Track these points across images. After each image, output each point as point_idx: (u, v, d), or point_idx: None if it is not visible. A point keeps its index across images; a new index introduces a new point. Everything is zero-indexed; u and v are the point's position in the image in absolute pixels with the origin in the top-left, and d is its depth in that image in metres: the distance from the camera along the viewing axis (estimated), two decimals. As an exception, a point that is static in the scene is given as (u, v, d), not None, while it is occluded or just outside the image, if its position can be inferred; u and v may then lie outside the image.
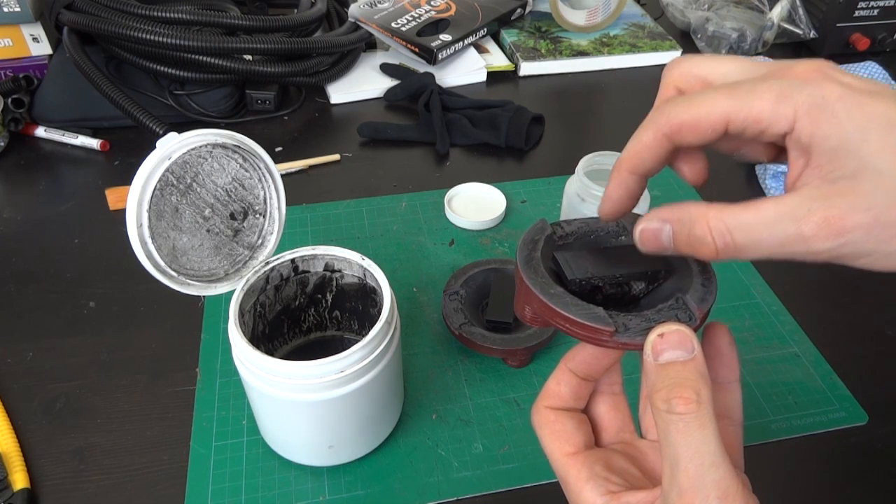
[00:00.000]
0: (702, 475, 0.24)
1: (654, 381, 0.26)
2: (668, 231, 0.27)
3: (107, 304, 0.58)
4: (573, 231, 0.33)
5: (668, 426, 0.25)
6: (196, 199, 0.42)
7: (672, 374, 0.26)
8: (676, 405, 0.25)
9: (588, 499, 0.28)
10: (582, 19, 0.95)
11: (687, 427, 0.25)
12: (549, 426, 0.31)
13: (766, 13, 0.94)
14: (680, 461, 0.25)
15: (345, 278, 0.49)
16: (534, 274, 0.29)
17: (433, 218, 0.67)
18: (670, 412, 0.25)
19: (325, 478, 0.46)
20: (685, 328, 0.27)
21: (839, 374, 0.53)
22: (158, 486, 0.46)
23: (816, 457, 0.48)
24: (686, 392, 0.25)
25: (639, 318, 0.28)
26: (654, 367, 0.26)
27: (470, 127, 0.76)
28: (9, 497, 0.44)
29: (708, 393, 0.26)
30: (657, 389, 0.26)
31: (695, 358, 0.26)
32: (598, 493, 0.28)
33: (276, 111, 0.81)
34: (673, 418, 0.25)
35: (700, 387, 0.25)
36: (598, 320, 0.27)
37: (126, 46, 0.74)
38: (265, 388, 0.41)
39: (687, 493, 0.25)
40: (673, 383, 0.26)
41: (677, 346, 0.26)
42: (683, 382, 0.26)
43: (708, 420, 0.25)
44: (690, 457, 0.25)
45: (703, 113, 0.26)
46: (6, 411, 0.50)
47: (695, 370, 0.26)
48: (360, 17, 0.89)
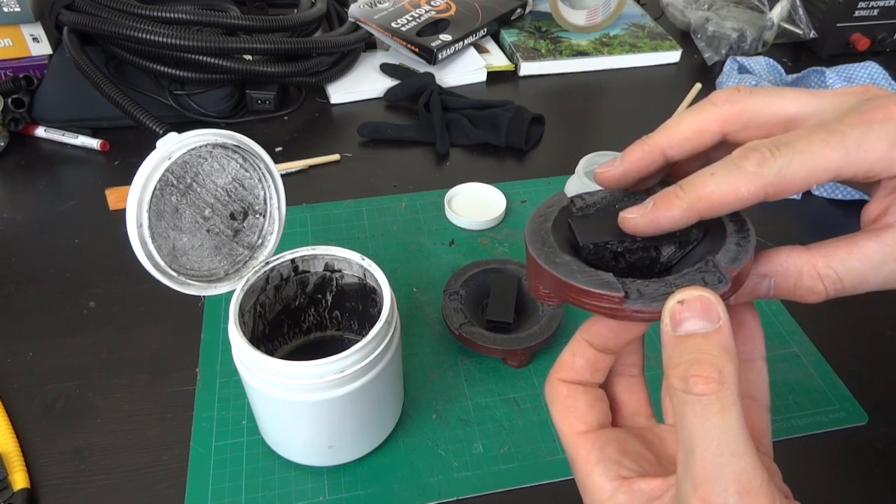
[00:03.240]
0: (720, 465, 0.22)
1: (671, 354, 0.23)
2: (769, 284, 0.25)
3: (107, 304, 0.58)
4: (595, 202, 0.30)
5: (685, 408, 0.22)
6: (196, 199, 0.42)
7: (692, 347, 0.23)
8: (695, 384, 0.22)
9: (596, 483, 0.26)
10: (582, 19, 0.95)
11: (705, 410, 0.22)
12: (561, 401, 0.28)
13: (766, 13, 0.94)
14: (696, 449, 0.22)
15: (345, 278, 0.49)
16: (540, 244, 0.27)
17: (433, 218, 0.67)
18: (687, 392, 0.22)
19: (325, 478, 0.46)
20: (709, 293, 0.23)
21: (839, 374, 0.53)
22: (158, 486, 0.46)
23: (816, 457, 0.48)
24: (706, 370, 0.22)
25: (658, 284, 0.24)
26: (672, 338, 0.23)
27: (470, 127, 0.76)
28: (9, 497, 0.44)
29: (733, 371, 0.22)
30: (674, 365, 0.23)
31: (720, 329, 0.23)
32: (607, 477, 0.26)
33: (276, 111, 0.81)
34: (690, 399, 0.22)
35: (724, 364, 0.22)
36: (605, 286, 0.24)
37: (126, 46, 0.74)
38: (265, 388, 0.41)
39: (702, 484, 0.22)
40: (692, 359, 0.23)
41: (700, 315, 0.23)
42: (705, 358, 0.22)
43: (730, 403, 0.22)
44: (708, 444, 0.22)
45: (812, 167, 0.24)
46: (6, 411, 0.50)
47: (719, 344, 0.23)
48: (360, 17, 0.89)
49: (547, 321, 0.52)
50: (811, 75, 0.78)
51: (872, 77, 0.79)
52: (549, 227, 0.28)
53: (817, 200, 0.69)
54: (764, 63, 0.83)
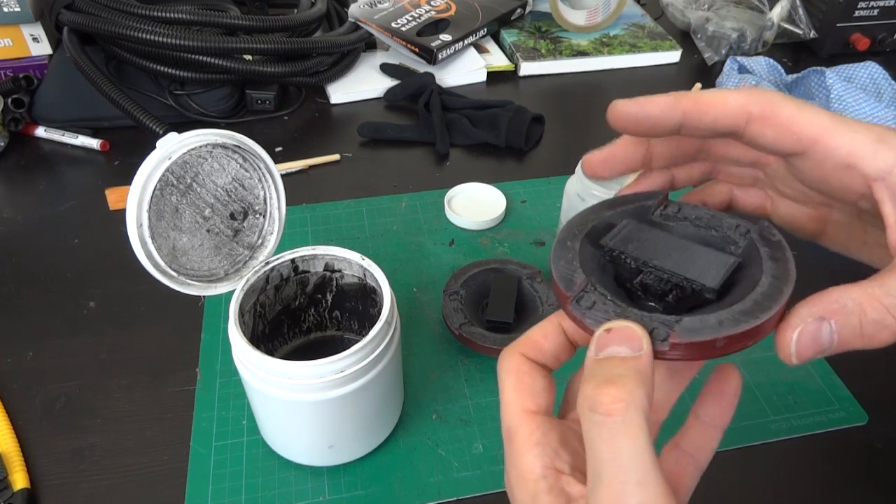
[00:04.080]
0: (625, 493, 0.21)
1: (587, 374, 0.23)
2: (830, 329, 0.23)
3: (107, 304, 0.58)
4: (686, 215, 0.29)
5: (592, 430, 0.22)
6: (196, 199, 0.42)
7: (606, 368, 0.23)
8: (601, 403, 0.22)
9: (528, 463, 0.25)
10: (582, 19, 0.95)
11: (612, 434, 0.21)
12: (518, 376, 0.27)
13: (766, 13, 0.94)
14: (602, 474, 0.21)
15: (345, 278, 0.49)
16: (577, 228, 0.28)
17: (433, 218, 0.67)
18: (594, 410, 0.22)
19: (325, 478, 0.46)
20: (636, 327, 0.24)
21: (839, 374, 0.53)
22: (158, 486, 0.46)
23: (816, 457, 0.48)
24: (615, 390, 0.22)
25: (614, 308, 0.25)
26: (592, 362, 0.23)
27: (470, 127, 0.76)
28: (9, 497, 0.44)
29: (643, 396, 0.22)
30: (586, 382, 0.23)
31: (639, 357, 0.23)
32: (541, 461, 0.25)
33: (276, 111, 0.81)
34: (598, 420, 0.22)
35: (634, 387, 0.22)
36: (566, 282, 0.25)
37: (126, 46, 0.74)
38: (265, 388, 0.41)
39: None
40: (604, 378, 0.22)
41: (621, 342, 0.23)
42: (616, 379, 0.22)
43: (638, 427, 0.21)
44: (615, 471, 0.21)
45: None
46: (6, 411, 0.50)
47: (634, 368, 0.22)
48: (360, 17, 0.89)
49: (547, 321, 0.52)
50: (811, 75, 0.78)
51: (872, 77, 0.79)
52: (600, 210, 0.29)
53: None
54: (764, 63, 0.83)
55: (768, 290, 0.25)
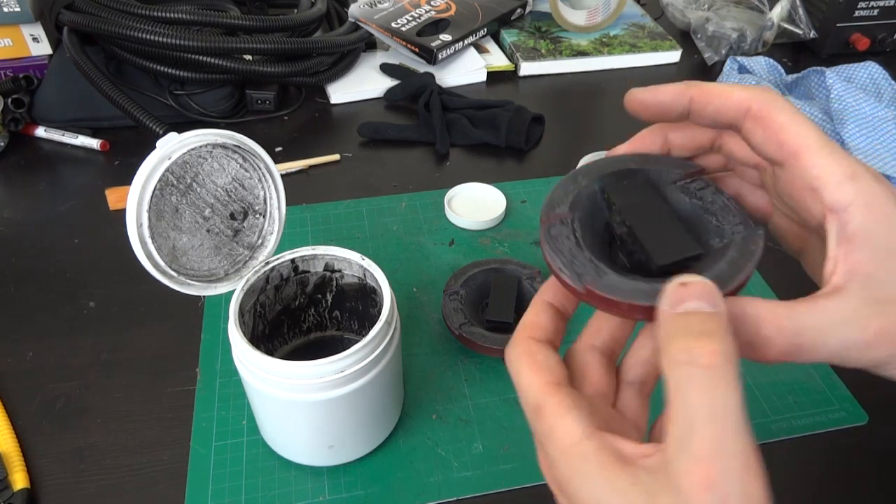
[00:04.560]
0: (726, 441, 0.21)
1: (670, 329, 0.23)
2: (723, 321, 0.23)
3: (107, 304, 0.58)
4: (702, 196, 0.29)
5: (689, 382, 0.21)
6: (196, 199, 0.42)
7: (695, 323, 0.22)
8: (700, 356, 0.21)
9: (566, 428, 0.24)
10: (582, 19, 0.95)
11: (712, 383, 0.21)
12: (531, 357, 0.27)
13: (766, 13, 0.94)
14: (696, 423, 0.21)
15: (345, 278, 0.49)
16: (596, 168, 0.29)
17: (433, 218, 0.67)
18: (692, 364, 0.21)
19: (325, 478, 0.46)
20: (711, 283, 0.23)
21: (839, 374, 0.53)
22: (158, 486, 0.46)
23: (816, 457, 0.48)
24: (712, 343, 0.22)
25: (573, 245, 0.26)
26: (670, 315, 0.23)
27: (470, 127, 0.76)
28: (9, 497, 0.44)
29: (736, 351, 0.22)
30: (675, 337, 0.22)
31: (720, 314, 0.23)
32: (580, 423, 0.24)
33: (276, 111, 0.81)
34: (695, 372, 0.21)
35: (728, 343, 0.22)
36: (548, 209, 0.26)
37: (126, 46, 0.74)
38: (265, 388, 0.41)
39: (704, 461, 0.21)
40: (698, 331, 0.22)
41: (700, 298, 0.23)
42: (709, 334, 0.22)
43: (735, 381, 0.21)
44: (714, 418, 0.21)
45: None
46: (6, 411, 0.50)
47: (722, 325, 0.22)
48: (360, 17, 0.89)
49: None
50: (811, 75, 0.78)
51: (872, 77, 0.79)
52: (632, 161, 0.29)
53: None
54: (764, 63, 0.83)
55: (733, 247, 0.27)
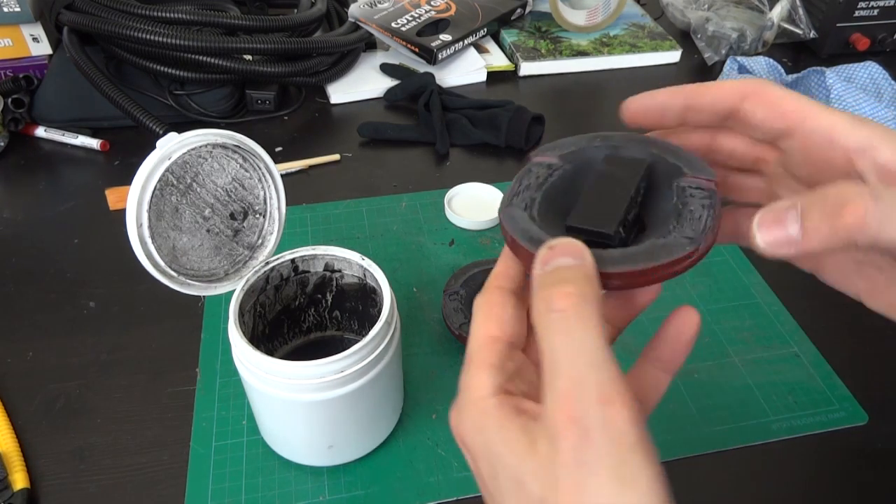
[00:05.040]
0: (582, 377, 0.22)
1: (538, 285, 0.24)
2: (796, 213, 0.23)
3: (107, 304, 0.58)
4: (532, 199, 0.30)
5: (549, 327, 0.23)
6: (196, 199, 0.42)
7: (557, 275, 0.24)
8: (557, 301, 0.23)
9: (480, 381, 0.25)
10: (582, 19, 0.95)
11: (567, 324, 0.23)
12: (490, 307, 0.28)
13: (766, 13, 0.94)
14: (559, 365, 0.22)
15: (345, 278, 0.49)
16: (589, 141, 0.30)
17: (433, 218, 0.67)
18: (550, 310, 0.23)
19: (325, 478, 0.46)
20: (578, 243, 0.25)
21: (839, 374, 0.53)
22: (158, 486, 0.46)
23: (816, 457, 0.48)
24: (568, 288, 0.23)
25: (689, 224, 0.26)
26: (540, 275, 0.25)
27: (470, 127, 0.76)
28: (9, 497, 0.44)
29: (595, 293, 0.23)
30: (540, 288, 0.24)
31: (583, 264, 0.24)
32: (493, 381, 0.25)
33: (276, 111, 0.81)
34: (553, 317, 0.23)
35: (585, 286, 0.23)
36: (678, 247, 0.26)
37: (126, 46, 0.74)
38: (265, 388, 0.41)
39: (565, 397, 0.22)
40: (557, 280, 0.24)
41: (566, 254, 0.25)
42: (567, 279, 0.24)
43: (591, 318, 0.23)
44: (570, 358, 0.22)
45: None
46: (6, 411, 0.50)
47: (581, 271, 0.24)
48: (360, 17, 0.89)
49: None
50: (811, 75, 0.78)
51: (872, 77, 0.79)
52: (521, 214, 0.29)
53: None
54: (764, 63, 0.83)
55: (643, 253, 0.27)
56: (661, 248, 0.26)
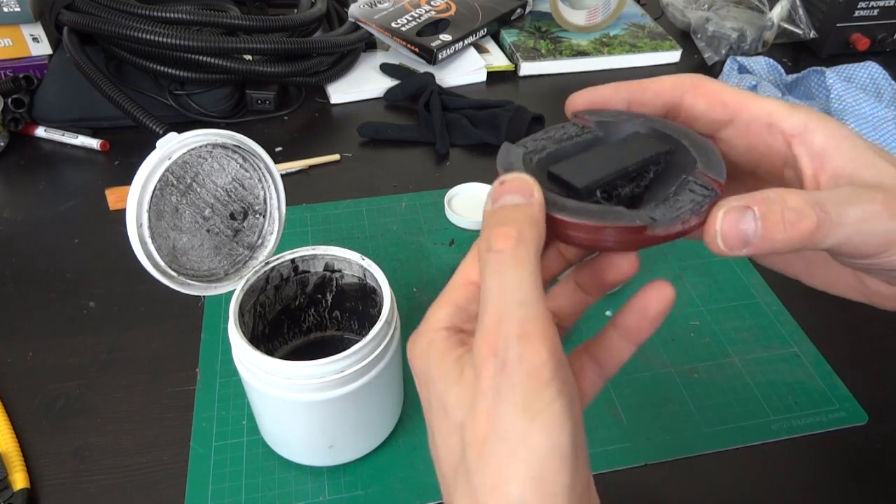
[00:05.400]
0: (507, 313, 0.23)
1: (484, 224, 0.25)
2: (754, 215, 0.24)
3: (107, 304, 0.58)
4: (543, 146, 0.30)
5: (486, 266, 0.24)
6: (196, 199, 0.42)
7: (500, 215, 0.25)
8: (495, 241, 0.24)
9: (436, 316, 0.27)
10: (582, 19, 0.95)
11: (500, 264, 0.23)
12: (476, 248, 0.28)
13: (766, 13, 0.94)
14: (488, 300, 0.23)
15: (345, 278, 0.49)
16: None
17: (433, 218, 0.67)
18: (488, 250, 0.24)
19: (325, 478, 0.46)
20: (528, 177, 0.25)
21: (839, 374, 0.53)
22: (158, 486, 0.46)
23: (816, 457, 0.48)
24: (507, 230, 0.24)
25: (667, 211, 0.26)
26: (487, 213, 0.25)
27: (470, 127, 0.76)
28: (9, 497, 0.44)
29: (534, 235, 0.24)
30: (484, 227, 0.25)
31: (531, 203, 0.25)
32: (448, 318, 0.26)
33: (276, 111, 0.81)
34: (490, 256, 0.24)
35: (524, 227, 0.24)
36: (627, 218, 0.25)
37: (126, 46, 0.74)
38: (265, 388, 0.41)
39: (489, 331, 0.23)
40: (498, 222, 0.24)
41: (513, 192, 0.25)
42: (508, 222, 0.24)
43: (526, 260, 0.23)
44: (499, 295, 0.23)
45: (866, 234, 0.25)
46: (6, 411, 0.50)
47: (525, 212, 0.24)
48: (360, 17, 0.89)
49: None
50: (811, 75, 0.78)
51: (872, 77, 0.79)
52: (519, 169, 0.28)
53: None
54: (764, 63, 0.83)
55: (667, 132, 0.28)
56: (615, 213, 0.25)
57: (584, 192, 0.27)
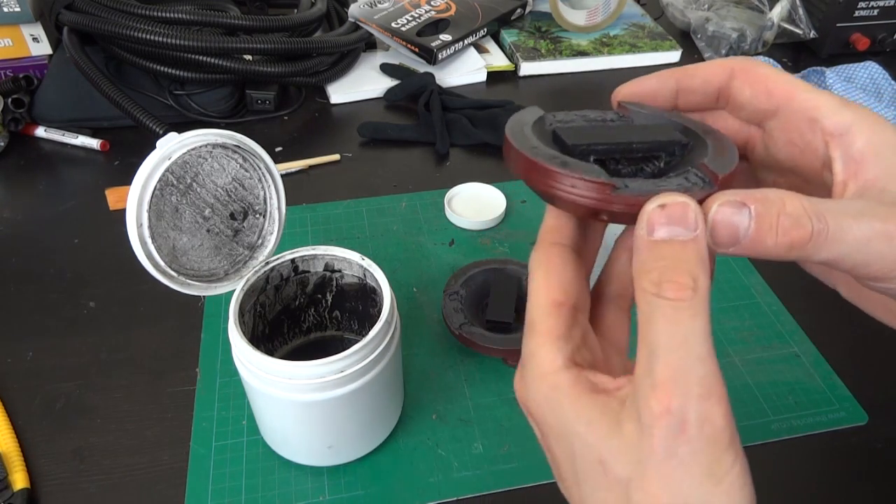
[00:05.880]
0: (685, 368, 0.21)
1: (646, 259, 0.23)
2: (749, 214, 0.22)
3: (107, 304, 0.58)
4: (572, 119, 0.29)
5: (655, 312, 0.22)
6: (196, 199, 0.42)
7: (668, 253, 0.22)
8: (668, 289, 0.22)
9: (548, 354, 0.24)
10: (582, 19, 0.95)
11: (676, 314, 0.21)
12: (550, 267, 0.26)
13: (766, 13, 0.94)
14: (660, 350, 0.21)
15: (345, 278, 0.49)
16: (523, 139, 0.26)
17: (433, 218, 0.67)
18: (660, 296, 0.22)
19: (325, 478, 0.46)
20: (690, 200, 0.23)
21: (839, 374, 0.53)
22: (158, 486, 0.46)
23: (816, 457, 0.48)
24: (681, 276, 0.22)
25: (645, 183, 0.24)
26: (646, 243, 0.23)
27: (470, 127, 0.76)
28: (9, 497, 0.44)
29: (706, 281, 0.22)
30: (647, 270, 0.22)
31: (697, 238, 0.22)
32: (562, 354, 0.24)
33: (276, 111, 0.81)
34: (662, 303, 0.22)
35: (699, 273, 0.22)
36: (594, 173, 0.23)
37: (126, 46, 0.74)
38: (265, 388, 0.41)
39: (664, 384, 0.21)
40: (668, 265, 0.22)
41: (677, 222, 0.22)
42: (679, 266, 0.22)
43: (702, 310, 0.22)
44: (675, 346, 0.21)
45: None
46: (6, 411, 0.50)
47: (695, 252, 0.22)
48: (360, 17, 0.89)
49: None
50: (811, 75, 0.78)
51: (872, 77, 0.79)
52: (529, 133, 0.27)
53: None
54: (764, 63, 0.82)
55: (695, 130, 0.27)
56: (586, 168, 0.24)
57: (575, 151, 0.25)
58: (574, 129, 0.27)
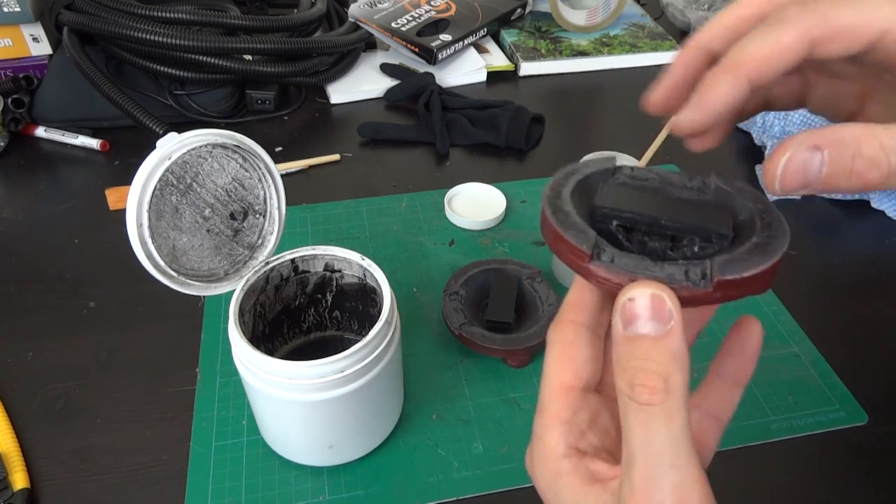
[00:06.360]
0: (658, 476, 0.21)
1: (620, 356, 0.22)
2: (821, 159, 0.21)
3: (107, 304, 0.58)
4: (644, 176, 0.27)
5: (629, 414, 0.22)
6: (196, 199, 0.42)
7: (640, 352, 0.22)
8: (640, 393, 0.21)
9: (552, 440, 0.25)
10: (582, 19, 0.95)
11: (648, 419, 0.21)
12: (564, 345, 0.26)
13: (766, 13, 0.94)
14: (636, 455, 0.22)
15: (345, 278, 0.49)
16: (556, 197, 0.25)
17: (433, 218, 0.67)
18: (632, 399, 0.22)
19: (325, 478, 0.46)
20: (664, 291, 0.22)
21: (839, 374, 0.53)
22: (158, 486, 0.46)
23: (816, 457, 0.48)
24: (652, 379, 0.21)
25: (636, 260, 0.23)
26: (621, 337, 0.22)
27: (470, 127, 0.76)
28: (9, 497, 0.44)
29: (681, 379, 0.21)
30: (622, 368, 0.22)
31: (669, 332, 0.22)
32: (565, 440, 0.25)
33: (276, 111, 0.81)
34: (633, 406, 0.22)
35: (671, 372, 0.21)
36: (578, 236, 0.23)
37: (126, 46, 0.74)
38: (265, 388, 0.41)
39: (639, 492, 0.22)
40: (639, 366, 0.22)
41: (650, 316, 0.22)
42: (651, 366, 0.22)
43: (676, 413, 0.21)
44: (649, 453, 0.21)
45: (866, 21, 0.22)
46: (6, 411, 0.50)
47: (667, 350, 0.22)
48: (360, 17, 0.89)
49: (547, 321, 0.52)
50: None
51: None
52: (572, 182, 0.26)
53: (817, 201, 0.69)
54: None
55: (765, 224, 0.24)
56: (584, 234, 0.23)
57: (596, 213, 0.25)
58: (622, 189, 0.26)
